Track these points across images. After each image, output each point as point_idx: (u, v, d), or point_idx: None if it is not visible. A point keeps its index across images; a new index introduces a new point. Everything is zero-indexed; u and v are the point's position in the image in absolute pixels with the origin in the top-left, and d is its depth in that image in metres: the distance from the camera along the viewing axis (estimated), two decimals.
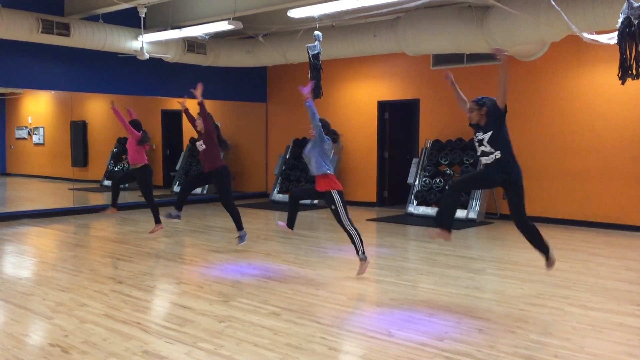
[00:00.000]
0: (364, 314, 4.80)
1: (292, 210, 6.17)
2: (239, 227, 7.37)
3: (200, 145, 7.21)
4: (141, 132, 8.03)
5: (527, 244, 5.26)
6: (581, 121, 9.31)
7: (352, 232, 5.89)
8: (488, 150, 4.96)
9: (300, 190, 6.37)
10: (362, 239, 5.97)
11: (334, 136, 6.10)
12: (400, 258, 7.10)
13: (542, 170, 9.68)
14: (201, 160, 7.35)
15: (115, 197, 8.34)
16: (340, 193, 5.86)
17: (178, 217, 7.34)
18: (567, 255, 7.15)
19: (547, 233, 8.62)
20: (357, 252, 5.94)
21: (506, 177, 4.95)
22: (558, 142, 9.54)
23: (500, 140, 4.93)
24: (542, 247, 5.17)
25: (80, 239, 8.61)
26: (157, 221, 8.22)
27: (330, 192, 5.83)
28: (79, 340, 4.19)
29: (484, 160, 5.04)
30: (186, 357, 3.85)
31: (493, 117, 4.93)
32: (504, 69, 4.86)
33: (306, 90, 5.83)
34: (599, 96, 9.12)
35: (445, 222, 5.14)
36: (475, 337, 4.23)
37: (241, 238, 7.40)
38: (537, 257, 6.99)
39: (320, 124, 5.89)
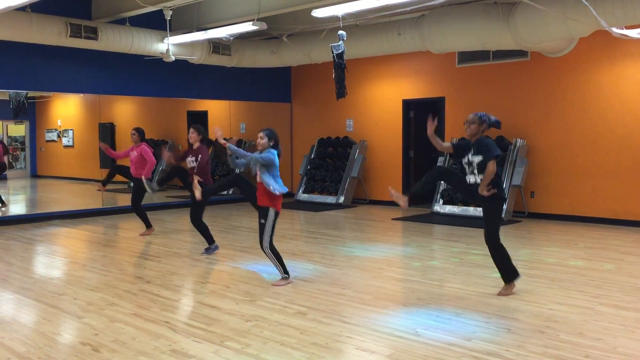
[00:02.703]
0: (391, 314, 4.78)
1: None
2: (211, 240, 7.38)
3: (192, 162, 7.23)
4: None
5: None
6: (612, 118, 9.14)
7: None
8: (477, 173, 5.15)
9: None
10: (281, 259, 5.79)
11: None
12: (427, 257, 7.06)
13: (573, 168, 9.53)
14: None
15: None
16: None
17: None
18: (598, 254, 7.03)
19: (578, 232, 8.54)
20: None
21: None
22: (588, 139, 9.38)
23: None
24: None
25: (109, 239, 8.74)
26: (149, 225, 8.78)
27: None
28: (108, 339, 4.25)
29: (472, 179, 5.20)
30: (214, 356, 3.88)
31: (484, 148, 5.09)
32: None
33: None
34: (630, 92, 8.95)
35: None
36: (503, 336, 4.19)
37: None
38: (567, 256, 6.92)
39: (253, 160, 5.54)
